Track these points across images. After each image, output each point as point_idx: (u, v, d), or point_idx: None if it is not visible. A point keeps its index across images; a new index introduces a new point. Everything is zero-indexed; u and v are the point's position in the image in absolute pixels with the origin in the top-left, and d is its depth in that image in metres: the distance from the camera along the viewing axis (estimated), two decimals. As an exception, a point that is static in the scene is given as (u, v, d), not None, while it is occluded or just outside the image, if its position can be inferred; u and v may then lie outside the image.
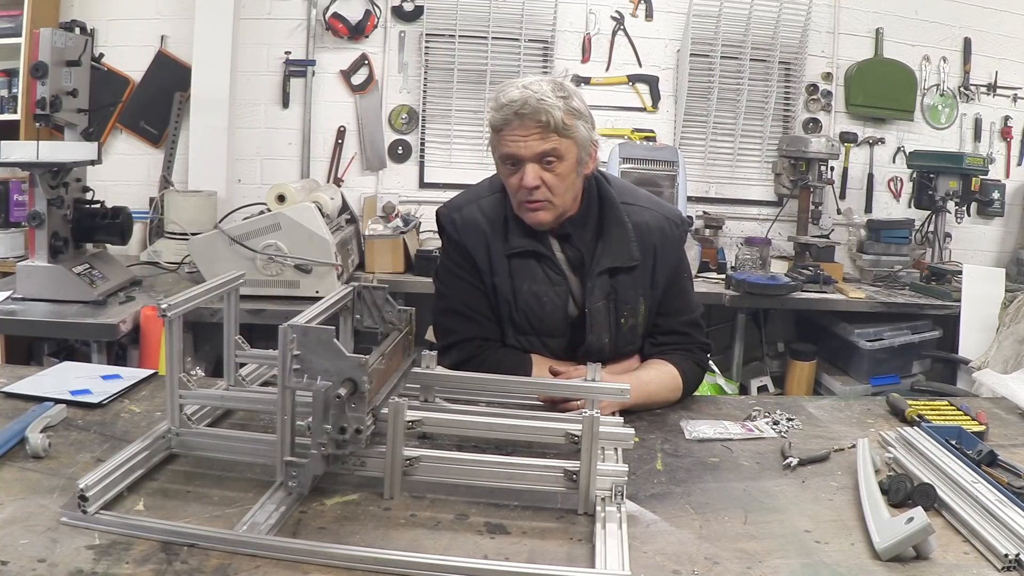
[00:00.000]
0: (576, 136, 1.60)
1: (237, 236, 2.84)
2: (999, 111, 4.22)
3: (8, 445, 1.31)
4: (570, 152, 1.60)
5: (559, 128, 1.56)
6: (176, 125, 3.86)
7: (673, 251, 1.76)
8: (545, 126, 1.56)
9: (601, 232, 1.71)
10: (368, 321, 1.53)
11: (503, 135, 1.60)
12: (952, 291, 3.47)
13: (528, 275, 1.72)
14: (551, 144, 1.57)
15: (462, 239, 1.74)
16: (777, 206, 4.09)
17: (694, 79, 4.00)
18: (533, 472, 1.22)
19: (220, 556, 1.05)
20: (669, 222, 1.76)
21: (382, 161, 4.00)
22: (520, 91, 1.56)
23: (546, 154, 1.58)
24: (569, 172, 1.62)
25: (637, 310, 1.74)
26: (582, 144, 1.62)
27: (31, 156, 2.48)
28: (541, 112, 1.54)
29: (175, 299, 1.27)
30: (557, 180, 1.61)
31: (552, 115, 1.55)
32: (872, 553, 1.12)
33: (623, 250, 1.70)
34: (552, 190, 1.61)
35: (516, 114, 1.56)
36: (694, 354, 1.79)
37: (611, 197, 1.73)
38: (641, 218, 1.73)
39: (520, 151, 1.58)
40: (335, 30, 3.85)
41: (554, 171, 1.60)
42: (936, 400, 1.79)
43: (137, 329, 2.65)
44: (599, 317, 1.71)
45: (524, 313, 1.73)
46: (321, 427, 1.16)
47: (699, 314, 1.84)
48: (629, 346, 1.76)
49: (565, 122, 1.56)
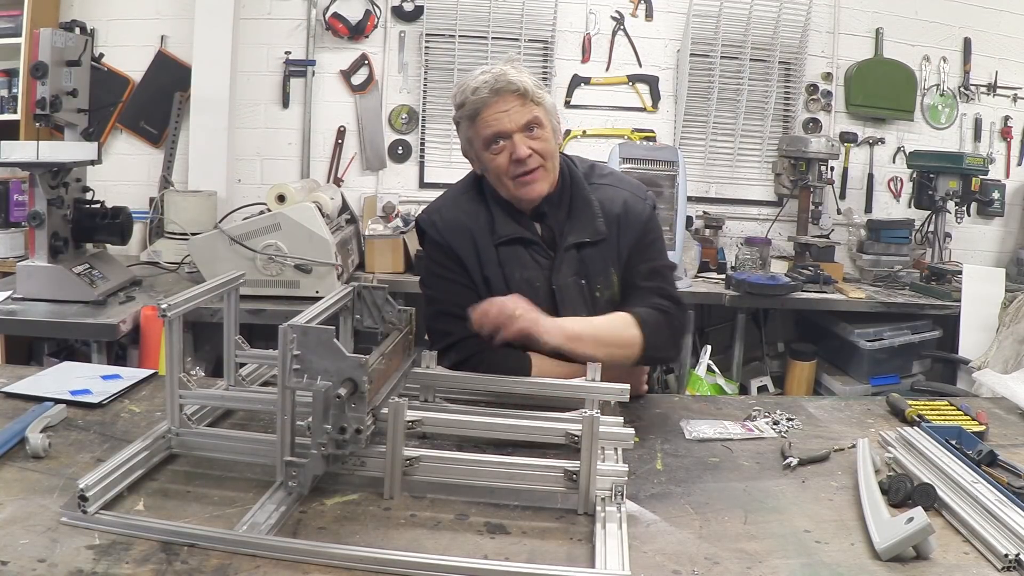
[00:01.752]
0: (546, 104, 1.68)
1: (237, 236, 2.84)
2: (999, 111, 4.21)
3: (8, 445, 1.31)
4: (547, 119, 1.68)
5: (534, 96, 1.64)
6: (176, 125, 3.85)
7: (636, 220, 1.77)
8: (523, 95, 1.63)
9: (570, 211, 1.76)
10: (368, 321, 1.53)
11: (484, 117, 1.65)
12: (952, 291, 3.46)
13: (518, 262, 1.74)
14: (532, 112, 1.64)
15: (446, 239, 1.76)
16: (777, 206, 4.09)
17: (694, 79, 4.00)
18: (533, 472, 1.22)
19: (220, 556, 1.05)
20: (633, 196, 1.80)
21: (382, 161, 4.00)
22: (485, 75, 1.64)
23: (530, 122, 1.64)
24: (551, 137, 1.69)
25: (611, 281, 1.76)
26: (551, 112, 1.70)
27: (31, 156, 2.48)
28: (515, 83, 1.62)
29: (175, 299, 1.27)
30: (544, 146, 1.67)
31: (525, 83, 1.63)
32: (872, 553, 1.12)
33: (588, 225, 1.74)
34: (543, 156, 1.67)
35: (493, 91, 1.62)
36: (654, 301, 1.72)
37: (578, 177, 1.79)
38: (606, 194, 1.78)
39: (505, 125, 1.63)
40: (335, 30, 3.85)
41: (539, 138, 1.66)
42: (936, 400, 1.79)
43: (137, 329, 2.65)
44: (570, 292, 1.73)
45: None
46: (321, 427, 1.16)
47: (664, 266, 1.81)
48: None
49: (537, 91, 1.65)
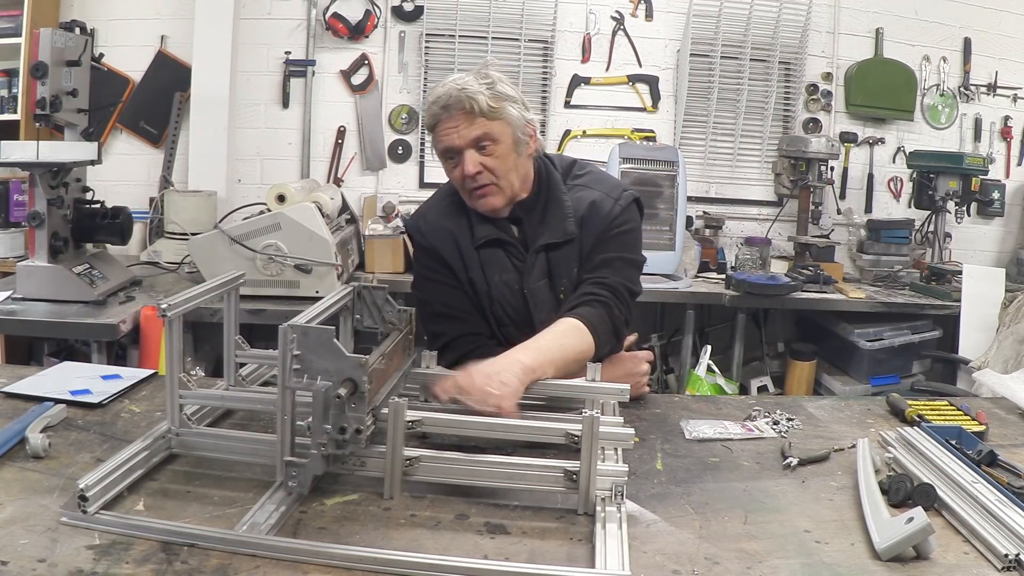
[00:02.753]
0: (507, 117, 1.65)
1: (237, 236, 2.84)
2: (999, 111, 4.22)
3: (8, 445, 1.31)
4: (504, 134, 1.65)
5: (485, 112, 1.62)
6: (176, 125, 3.86)
7: (600, 220, 1.73)
8: (471, 112, 1.61)
9: (544, 214, 1.75)
10: (368, 321, 1.53)
11: (437, 132, 1.66)
12: (952, 291, 3.47)
13: (497, 265, 1.74)
14: (482, 128, 1.63)
15: (431, 242, 1.78)
16: (777, 206, 4.09)
17: (694, 79, 4.00)
18: (533, 472, 1.22)
19: (220, 556, 1.05)
20: (605, 197, 1.76)
21: (382, 161, 4.00)
22: (444, 88, 1.64)
23: (479, 139, 1.63)
24: (507, 153, 1.66)
25: (574, 283, 1.73)
26: (516, 125, 1.66)
27: (31, 156, 2.48)
28: (464, 100, 1.61)
29: (175, 299, 1.27)
30: (497, 162, 1.65)
31: (476, 101, 1.61)
32: (872, 553, 1.12)
33: (558, 227, 1.73)
34: (495, 173, 1.66)
35: (443, 108, 1.63)
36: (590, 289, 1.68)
37: (555, 180, 1.77)
38: (579, 195, 1.76)
39: (454, 141, 1.64)
40: (335, 30, 3.85)
41: (492, 154, 1.65)
42: (936, 400, 1.79)
43: (137, 329, 2.65)
44: (540, 296, 1.73)
45: (500, 304, 1.74)
46: (321, 427, 1.16)
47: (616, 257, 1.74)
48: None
49: (491, 105, 1.62)
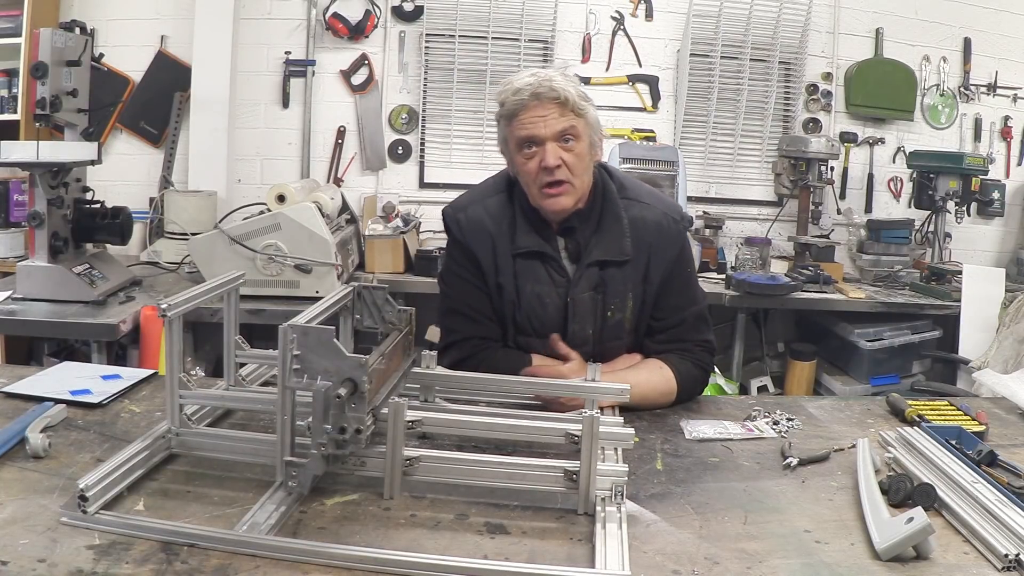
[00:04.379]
0: (588, 117, 1.64)
1: (237, 236, 2.84)
2: (999, 111, 4.21)
3: (8, 445, 1.31)
4: (585, 132, 1.64)
5: (575, 107, 1.61)
6: (176, 125, 3.86)
7: (670, 247, 1.74)
8: (563, 104, 1.60)
9: (599, 226, 1.72)
10: (368, 321, 1.53)
11: (520, 119, 1.62)
12: (952, 291, 3.47)
13: (532, 276, 1.72)
14: (569, 121, 1.61)
15: (467, 239, 1.75)
16: (777, 206, 4.09)
17: (694, 79, 4.00)
18: (533, 472, 1.22)
19: (220, 556, 1.04)
20: (668, 218, 1.75)
21: (382, 161, 4.00)
22: (532, 76, 1.62)
23: (564, 132, 1.61)
24: (585, 153, 1.65)
25: (625, 305, 1.73)
26: (593, 126, 1.66)
27: (31, 156, 2.48)
28: (558, 91, 1.59)
29: (175, 299, 1.27)
30: (576, 159, 1.63)
31: (568, 93, 1.60)
32: (872, 553, 1.12)
33: (615, 244, 1.71)
34: (572, 170, 1.63)
35: (533, 95, 1.59)
36: (693, 354, 1.76)
37: (612, 191, 1.74)
38: (639, 213, 1.73)
39: (540, 131, 1.61)
40: (335, 30, 3.85)
41: (572, 151, 1.63)
42: (936, 400, 1.79)
43: (137, 329, 2.65)
44: (583, 307, 1.72)
45: (527, 314, 1.73)
46: (321, 427, 1.16)
47: (702, 309, 1.81)
48: (615, 341, 1.74)
49: (580, 102, 1.61)
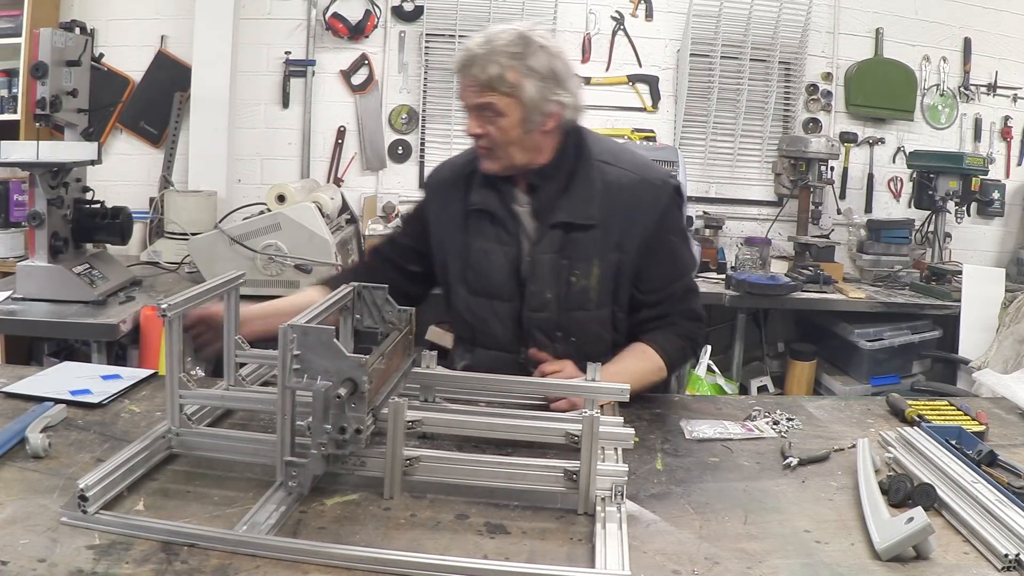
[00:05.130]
0: (521, 95, 1.59)
1: (237, 236, 2.84)
2: (999, 111, 4.21)
3: (8, 445, 1.31)
4: (511, 109, 1.60)
5: (495, 85, 1.58)
6: (176, 125, 3.86)
7: (647, 213, 1.69)
8: (478, 80, 1.59)
9: (568, 187, 1.69)
10: (368, 321, 1.53)
11: (459, 81, 1.66)
12: (952, 291, 3.46)
13: (480, 232, 1.73)
14: (485, 99, 1.60)
15: (426, 196, 1.89)
16: (777, 206, 4.09)
17: (694, 79, 4.01)
18: (533, 472, 1.22)
19: (220, 556, 1.04)
20: (647, 183, 1.70)
21: (382, 161, 4.00)
22: (475, 40, 1.62)
23: (482, 107, 1.61)
24: (510, 128, 1.62)
25: (589, 272, 1.68)
26: (530, 104, 1.60)
27: (31, 156, 2.48)
28: (477, 67, 1.58)
29: (175, 299, 1.27)
30: (499, 133, 1.63)
31: (488, 71, 1.58)
32: (872, 553, 1.12)
33: (581, 207, 1.68)
34: (493, 141, 1.63)
35: (460, 64, 1.63)
36: (676, 325, 1.73)
37: (587, 154, 1.70)
38: (615, 178, 1.69)
39: (463, 99, 1.66)
40: (335, 30, 3.85)
41: (495, 124, 1.62)
42: (936, 400, 1.79)
43: (137, 329, 2.65)
44: (543, 269, 1.69)
45: (474, 270, 1.73)
46: (321, 427, 1.16)
47: (689, 281, 1.79)
48: (580, 311, 1.70)
49: (506, 79, 1.58)
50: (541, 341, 1.71)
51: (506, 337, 1.74)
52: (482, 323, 1.75)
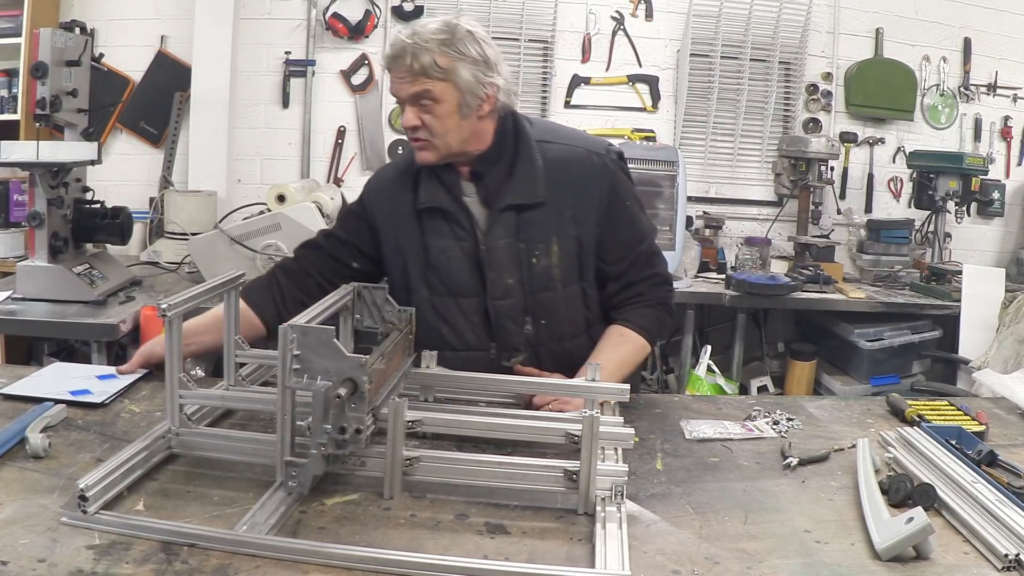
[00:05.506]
0: (455, 79, 1.60)
1: (237, 236, 2.84)
2: (999, 111, 4.21)
3: (8, 445, 1.31)
4: (447, 95, 1.60)
5: (428, 71, 1.58)
6: (176, 125, 3.86)
7: (596, 183, 1.70)
8: (411, 69, 1.59)
9: (512, 171, 1.70)
10: (368, 321, 1.53)
11: (390, 77, 1.65)
12: (952, 291, 3.46)
13: (436, 231, 1.72)
14: (421, 87, 1.59)
15: (365, 199, 1.83)
16: (777, 206, 4.09)
17: (694, 79, 4.00)
18: (533, 472, 1.22)
19: (220, 556, 1.05)
20: (591, 155, 1.71)
21: (382, 161, 3.99)
22: (402, 33, 1.62)
23: (418, 96, 1.60)
24: (448, 114, 1.62)
25: (549, 250, 1.68)
26: (465, 87, 1.61)
27: (31, 156, 2.48)
28: (408, 55, 1.58)
29: (175, 299, 1.27)
30: (436, 121, 1.62)
31: (420, 59, 1.57)
32: (872, 553, 1.12)
33: (527, 187, 1.68)
34: (431, 131, 1.63)
35: (391, 58, 1.61)
36: (645, 296, 1.74)
37: (526, 135, 1.72)
38: (558, 154, 1.70)
39: (397, 92, 1.64)
40: (335, 30, 3.85)
41: (432, 112, 1.61)
42: (936, 400, 1.79)
43: (137, 329, 2.65)
44: (500, 255, 1.69)
45: (436, 271, 1.72)
46: (321, 427, 1.16)
47: (650, 244, 1.78)
48: (545, 291, 1.70)
49: (439, 64, 1.58)
50: (511, 330, 1.70)
51: (475, 334, 1.72)
52: (448, 324, 1.73)
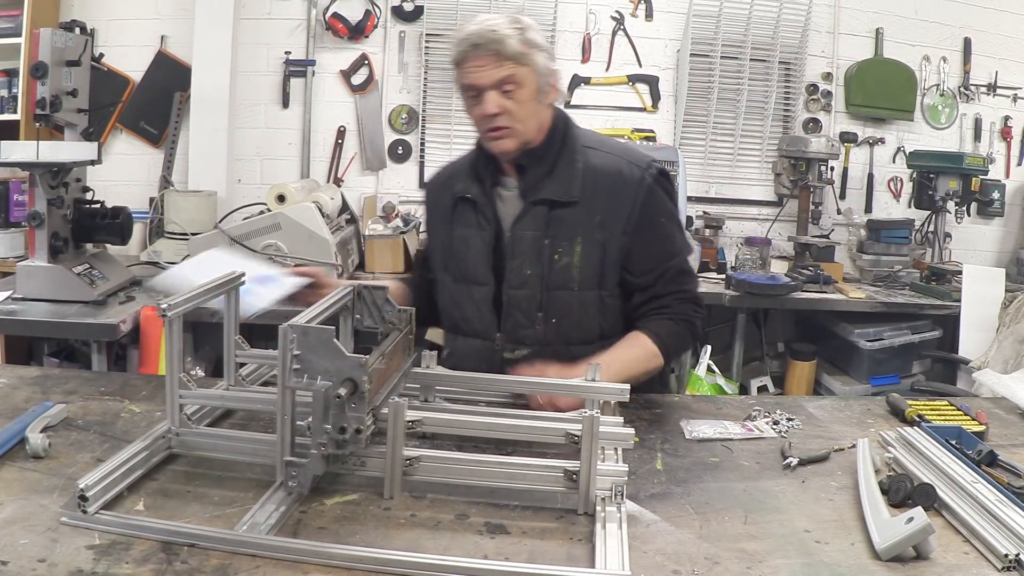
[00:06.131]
0: (533, 64, 1.66)
1: (237, 236, 2.84)
2: (999, 111, 4.21)
3: (8, 445, 1.31)
4: (528, 79, 1.66)
5: (514, 56, 1.63)
6: (176, 125, 3.86)
7: (629, 193, 1.71)
8: (499, 54, 1.63)
9: (552, 169, 1.74)
10: (368, 321, 1.53)
11: (464, 68, 1.67)
12: (952, 291, 3.47)
13: (463, 220, 1.78)
14: (507, 71, 1.63)
15: (424, 197, 1.98)
16: (777, 206, 4.09)
17: (694, 79, 4.00)
18: (533, 472, 1.22)
19: (220, 556, 1.05)
20: (630, 166, 1.74)
21: (382, 161, 4.00)
22: (476, 25, 1.66)
23: (503, 81, 1.64)
24: (528, 99, 1.67)
25: (573, 249, 1.70)
26: (541, 73, 1.67)
27: (31, 156, 2.48)
28: (495, 41, 1.62)
29: (175, 299, 1.27)
30: (518, 107, 1.66)
31: (507, 44, 1.62)
32: (872, 553, 1.12)
33: (563, 186, 1.72)
34: (514, 116, 1.66)
35: (473, 46, 1.64)
36: (671, 308, 1.73)
37: (573, 138, 1.76)
38: (598, 162, 1.74)
39: (479, 80, 1.65)
40: (335, 30, 3.85)
41: (514, 98, 1.65)
42: (936, 400, 1.79)
43: (137, 329, 2.65)
44: (523, 245, 1.71)
45: (454, 257, 1.78)
46: (321, 427, 1.16)
47: (683, 262, 1.78)
48: (562, 290, 1.70)
49: (520, 50, 1.63)
50: (521, 323, 1.72)
51: (482, 323, 1.75)
52: (461, 309, 1.79)
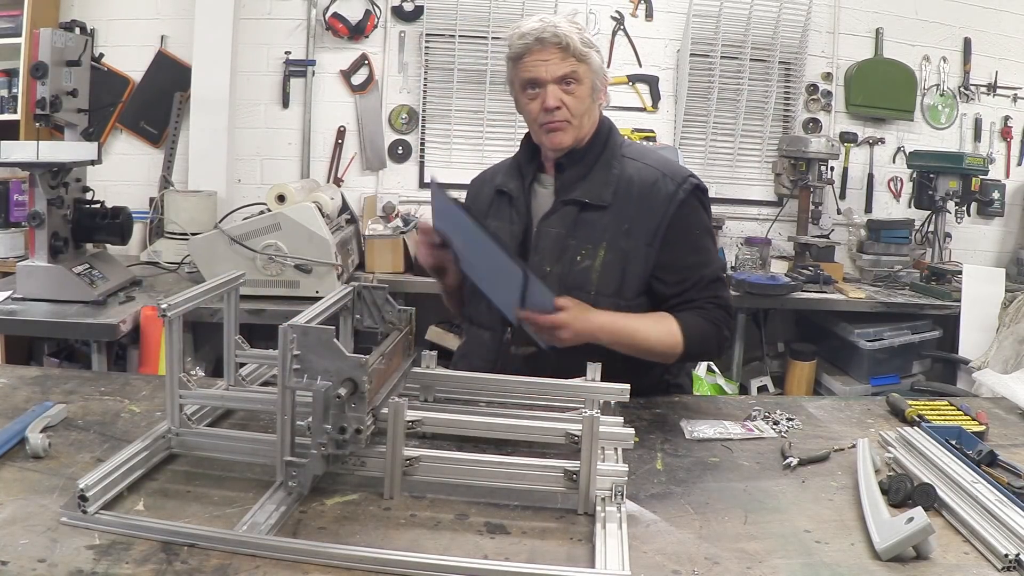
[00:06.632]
0: (591, 63, 1.71)
1: (237, 236, 2.84)
2: (999, 111, 4.21)
3: (8, 445, 1.31)
4: (586, 77, 1.71)
5: (576, 52, 1.68)
6: (176, 125, 3.86)
7: (661, 205, 1.71)
8: (565, 49, 1.67)
9: (589, 172, 1.77)
10: (368, 321, 1.53)
11: (525, 62, 1.70)
12: (952, 291, 3.47)
13: (498, 213, 1.82)
14: (571, 67, 1.68)
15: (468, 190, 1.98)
16: (777, 206, 4.09)
17: (694, 79, 4.00)
18: (533, 472, 1.22)
19: (220, 556, 1.05)
20: (665, 178, 1.74)
21: (382, 161, 4.00)
22: (539, 22, 1.70)
23: (565, 76, 1.68)
24: (586, 96, 1.72)
25: (596, 253, 1.70)
26: (596, 71, 1.73)
27: (31, 156, 2.48)
28: (560, 37, 1.66)
29: (175, 299, 1.27)
30: (577, 103, 1.71)
31: (570, 39, 1.66)
32: (872, 553, 1.12)
33: (595, 189, 1.74)
34: (572, 111, 1.70)
35: (537, 40, 1.67)
36: (704, 310, 1.72)
37: (614, 145, 1.80)
38: (634, 171, 1.76)
39: (541, 74, 1.69)
40: (335, 30, 3.85)
41: (573, 93, 1.70)
42: (936, 400, 1.79)
43: (137, 329, 2.65)
44: (547, 240, 1.73)
45: None
46: (321, 427, 1.16)
47: (715, 272, 1.77)
48: (578, 291, 1.67)
49: (582, 49, 1.68)
50: None
51: (494, 316, 1.75)
52: (477, 300, 1.80)
